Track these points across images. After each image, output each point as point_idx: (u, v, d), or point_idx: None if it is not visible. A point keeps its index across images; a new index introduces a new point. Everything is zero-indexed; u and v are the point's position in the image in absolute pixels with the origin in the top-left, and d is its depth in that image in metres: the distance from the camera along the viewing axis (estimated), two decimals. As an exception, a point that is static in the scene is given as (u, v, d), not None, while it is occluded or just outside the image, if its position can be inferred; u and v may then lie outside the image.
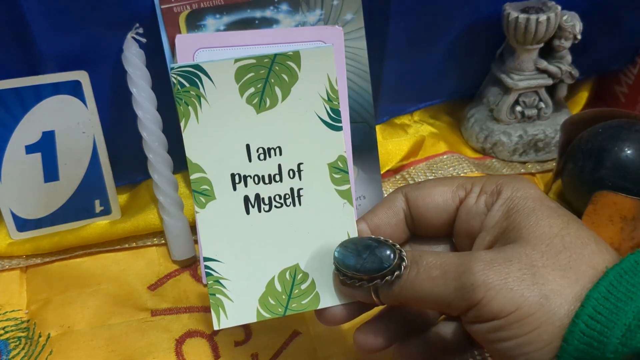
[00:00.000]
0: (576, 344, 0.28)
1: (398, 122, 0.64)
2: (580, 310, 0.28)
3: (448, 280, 0.30)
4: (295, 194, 0.37)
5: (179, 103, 0.35)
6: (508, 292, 0.29)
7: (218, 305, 0.36)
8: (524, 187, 0.33)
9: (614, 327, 0.28)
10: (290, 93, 0.37)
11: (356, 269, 0.33)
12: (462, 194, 0.35)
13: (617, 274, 0.29)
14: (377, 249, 0.33)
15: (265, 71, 0.36)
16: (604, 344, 0.28)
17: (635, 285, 0.28)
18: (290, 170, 0.37)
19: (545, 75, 0.60)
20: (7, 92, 0.46)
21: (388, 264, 0.32)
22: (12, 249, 0.50)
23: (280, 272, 0.37)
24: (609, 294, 0.28)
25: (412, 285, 0.32)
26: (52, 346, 0.44)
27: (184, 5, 0.48)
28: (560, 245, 0.30)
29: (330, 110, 0.37)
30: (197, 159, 0.36)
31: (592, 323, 0.28)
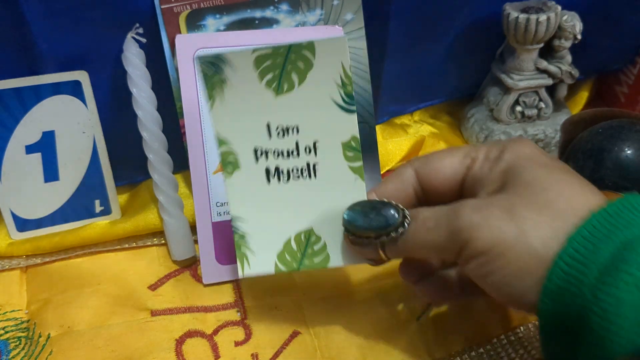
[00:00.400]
0: (557, 282, 0.30)
1: (398, 122, 0.64)
2: (562, 251, 0.30)
3: (441, 228, 0.34)
4: (312, 168, 0.41)
5: (207, 87, 0.40)
6: (489, 230, 0.32)
7: (243, 257, 0.42)
8: (521, 148, 0.36)
9: (591, 265, 0.30)
10: (306, 79, 0.40)
11: (364, 227, 0.37)
12: (469, 162, 0.37)
13: (600, 217, 0.31)
14: (383, 209, 0.36)
15: (282, 59, 0.39)
16: (581, 281, 0.30)
17: (616, 226, 0.30)
18: (307, 147, 0.41)
19: (545, 75, 0.60)
20: (7, 92, 0.46)
21: (393, 221, 0.36)
22: (12, 249, 0.50)
23: (296, 234, 0.41)
24: (590, 235, 0.30)
25: (412, 238, 0.35)
26: (52, 346, 0.44)
27: (184, 5, 0.48)
28: (539, 188, 0.32)
29: (345, 95, 0.40)
30: (224, 134, 0.41)
31: (572, 262, 0.30)
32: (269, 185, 0.41)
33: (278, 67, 0.40)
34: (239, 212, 0.41)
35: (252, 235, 0.41)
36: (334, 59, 0.39)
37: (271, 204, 0.41)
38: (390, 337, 0.44)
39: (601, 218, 0.31)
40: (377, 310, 0.46)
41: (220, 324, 0.46)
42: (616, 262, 0.29)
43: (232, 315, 0.47)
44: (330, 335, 0.45)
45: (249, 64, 0.39)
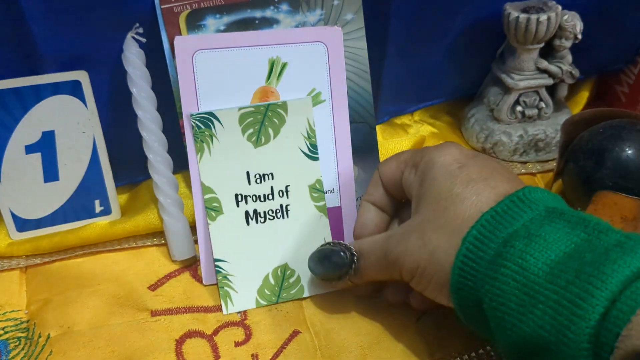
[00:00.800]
0: (456, 278, 0.35)
1: (398, 122, 0.64)
2: (458, 252, 0.35)
3: (381, 262, 0.40)
4: (284, 209, 0.48)
5: (197, 141, 0.47)
6: (409, 258, 0.38)
7: (226, 295, 0.47)
8: (435, 154, 0.40)
9: (480, 261, 0.35)
10: (280, 132, 0.48)
11: (324, 273, 0.44)
12: (403, 167, 0.43)
13: (488, 217, 0.35)
14: (333, 255, 0.43)
15: (261, 116, 0.48)
16: (474, 276, 0.35)
17: (501, 223, 0.35)
18: (280, 190, 0.48)
19: (545, 75, 0.60)
20: (7, 92, 0.46)
21: (343, 263, 0.42)
22: (12, 249, 0.50)
23: (273, 269, 0.48)
24: (479, 235, 0.35)
25: (364, 272, 0.42)
26: (52, 346, 0.44)
27: (184, 5, 0.48)
28: (442, 207, 0.37)
29: (310, 145, 0.49)
30: (210, 183, 0.48)
31: (465, 260, 0.35)
32: (249, 226, 0.48)
33: (258, 123, 0.48)
34: (222, 255, 0.47)
35: (234, 275, 0.47)
36: (302, 115, 0.49)
37: (250, 243, 0.48)
38: (391, 337, 0.44)
39: (489, 217, 0.35)
40: (378, 310, 0.46)
41: (220, 324, 0.46)
42: (497, 257, 0.34)
43: (232, 315, 0.46)
44: (330, 335, 0.45)
45: (235, 120, 0.48)
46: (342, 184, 0.51)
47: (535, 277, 0.32)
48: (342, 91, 0.50)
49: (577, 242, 0.32)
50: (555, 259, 0.32)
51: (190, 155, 0.48)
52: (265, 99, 0.49)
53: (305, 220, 0.49)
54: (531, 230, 0.34)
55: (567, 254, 0.32)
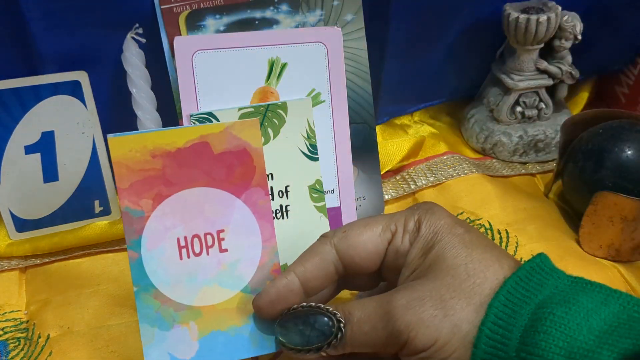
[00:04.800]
0: (484, 348, 0.32)
1: (398, 123, 0.64)
2: (485, 318, 0.32)
3: (378, 331, 0.34)
4: (284, 210, 0.47)
5: None
6: (426, 329, 0.33)
7: None
8: (436, 219, 0.36)
9: (513, 329, 0.32)
10: (280, 133, 0.47)
11: (303, 345, 0.36)
12: (389, 235, 0.37)
13: (513, 282, 0.33)
14: (316, 322, 0.35)
15: (261, 117, 0.47)
16: (506, 345, 0.32)
17: (529, 290, 0.33)
18: (280, 191, 0.47)
19: (545, 76, 0.60)
20: (7, 92, 0.46)
21: (329, 333, 0.35)
22: (12, 250, 0.50)
23: None
24: (507, 301, 0.33)
25: (351, 342, 0.35)
26: (52, 347, 0.44)
27: (184, 5, 0.48)
28: (464, 274, 0.34)
29: (310, 146, 0.47)
30: None
31: (495, 328, 0.32)
32: None
33: None
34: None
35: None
36: (302, 116, 0.47)
37: None
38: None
39: (514, 283, 0.33)
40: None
41: (220, 325, 0.46)
42: (534, 323, 0.31)
43: (232, 315, 0.46)
44: (330, 336, 0.44)
45: (234, 120, 0.45)
46: (341, 185, 0.51)
47: (583, 343, 0.30)
48: (342, 92, 0.50)
49: (614, 311, 0.31)
50: (597, 327, 0.31)
51: None
52: (264, 99, 0.49)
53: (305, 221, 0.48)
54: (567, 297, 0.32)
55: (607, 323, 0.31)
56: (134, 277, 0.36)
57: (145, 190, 0.36)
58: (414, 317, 0.33)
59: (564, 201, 0.56)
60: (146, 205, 0.36)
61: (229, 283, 0.38)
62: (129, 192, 0.35)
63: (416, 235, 0.36)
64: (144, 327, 0.36)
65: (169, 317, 0.36)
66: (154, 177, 0.36)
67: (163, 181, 0.36)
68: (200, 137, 0.36)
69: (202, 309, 0.37)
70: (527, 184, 0.59)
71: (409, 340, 0.33)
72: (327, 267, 0.37)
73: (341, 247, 0.37)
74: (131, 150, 0.35)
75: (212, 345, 0.37)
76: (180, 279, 0.37)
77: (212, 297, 0.37)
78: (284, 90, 0.50)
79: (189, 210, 0.37)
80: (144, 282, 0.36)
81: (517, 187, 0.58)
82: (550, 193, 0.57)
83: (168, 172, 0.36)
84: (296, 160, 0.48)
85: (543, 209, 0.55)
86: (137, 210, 0.36)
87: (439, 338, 0.33)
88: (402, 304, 0.34)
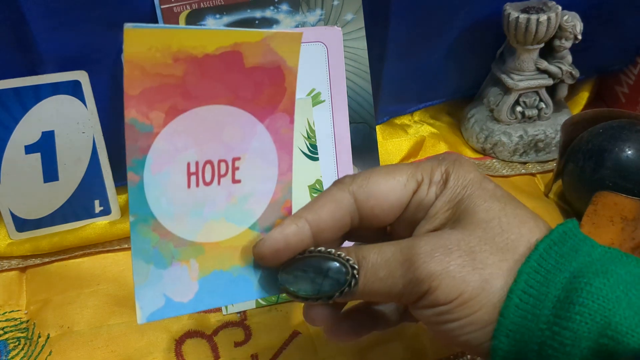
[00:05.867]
0: (512, 318, 0.29)
1: (398, 122, 0.64)
2: (514, 285, 0.29)
3: (395, 278, 0.31)
4: None
5: None
6: (451, 280, 0.30)
7: None
8: (464, 172, 0.33)
9: (545, 299, 0.29)
10: None
11: (315, 294, 0.32)
12: (414, 185, 0.34)
13: (546, 246, 0.30)
14: (329, 269, 0.32)
15: None
16: (537, 315, 0.29)
17: (563, 256, 0.30)
18: None
19: (545, 76, 0.60)
20: (7, 92, 0.46)
21: (344, 280, 0.32)
22: (12, 249, 0.50)
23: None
24: (539, 267, 0.30)
25: (363, 289, 0.32)
26: (52, 346, 0.44)
27: (184, 5, 0.48)
28: (498, 228, 0.31)
29: (310, 145, 0.48)
30: None
31: (525, 297, 0.29)
32: None
33: None
34: None
35: None
36: (302, 115, 0.46)
37: None
38: (390, 338, 0.44)
39: (547, 247, 0.30)
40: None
41: (220, 325, 0.46)
42: (569, 294, 0.29)
43: (232, 315, 0.46)
44: (330, 336, 0.44)
45: None
46: (342, 184, 0.51)
47: (622, 319, 0.28)
48: (342, 91, 0.50)
49: None
50: (637, 303, 0.28)
51: None
52: (265, 99, 0.49)
53: None
54: (604, 267, 0.29)
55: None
56: (132, 204, 0.30)
57: (159, 100, 0.30)
58: (438, 265, 0.30)
59: (564, 201, 0.56)
60: (157, 119, 0.30)
61: (237, 218, 0.33)
62: (138, 101, 0.29)
63: (443, 187, 0.33)
64: (138, 263, 0.31)
65: (168, 253, 0.32)
66: (171, 86, 0.30)
67: (181, 92, 0.30)
68: (233, 45, 0.30)
69: (204, 246, 0.33)
70: (527, 184, 0.59)
71: (429, 291, 0.30)
72: (342, 217, 0.33)
73: (361, 196, 0.33)
74: (151, 48, 0.28)
75: (212, 287, 0.33)
76: (184, 210, 0.32)
77: (218, 232, 0.33)
78: (284, 90, 0.49)
79: (206, 131, 0.31)
80: (142, 211, 0.30)
81: (517, 187, 0.58)
82: (550, 193, 0.57)
83: (189, 82, 0.30)
84: (296, 160, 0.48)
85: (543, 209, 0.55)
86: (144, 124, 0.29)
87: (464, 292, 0.30)
88: (425, 251, 0.30)
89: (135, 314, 0.44)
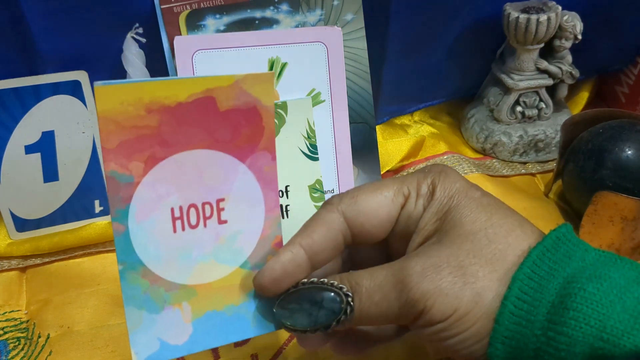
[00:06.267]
0: (507, 324, 0.30)
1: (398, 123, 0.64)
2: (508, 292, 0.30)
3: (390, 300, 0.31)
4: (284, 210, 0.47)
5: None
6: (444, 298, 0.30)
7: None
8: (450, 183, 0.33)
9: (539, 305, 0.29)
10: (280, 132, 0.47)
11: (312, 325, 0.33)
12: (402, 200, 0.34)
13: (539, 253, 0.30)
14: (322, 299, 0.32)
15: None
16: (531, 322, 0.29)
17: (556, 262, 0.30)
18: (280, 191, 0.45)
19: (545, 76, 0.60)
20: (7, 92, 0.46)
21: (339, 309, 0.32)
22: (12, 249, 0.50)
23: None
24: (533, 274, 0.30)
25: (360, 315, 0.32)
26: (52, 346, 0.44)
27: (184, 5, 0.48)
28: (485, 240, 0.31)
29: (310, 145, 0.48)
30: None
31: (519, 303, 0.29)
32: None
33: None
34: None
35: None
36: (302, 115, 0.48)
37: None
38: (390, 337, 0.44)
39: (540, 254, 0.30)
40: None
41: (220, 325, 0.46)
42: (563, 299, 0.29)
43: (232, 315, 0.46)
44: (330, 336, 0.44)
45: None
46: (341, 184, 0.51)
47: (617, 322, 0.28)
48: (342, 91, 0.50)
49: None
50: (631, 306, 0.28)
51: None
52: (265, 99, 0.49)
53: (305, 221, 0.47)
54: (598, 272, 0.30)
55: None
56: (119, 253, 0.31)
57: (137, 151, 0.30)
58: (430, 284, 0.30)
59: (564, 201, 0.56)
60: (136, 169, 0.31)
61: (227, 258, 0.34)
62: (116, 154, 0.30)
63: (430, 199, 0.33)
64: (130, 310, 0.31)
65: (159, 299, 0.32)
66: (147, 136, 0.30)
67: (158, 141, 0.31)
68: (205, 91, 0.31)
69: (196, 288, 0.33)
70: (527, 184, 0.59)
71: (424, 310, 0.30)
72: (335, 237, 0.34)
73: (350, 214, 0.34)
74: (123, 103, 0.30)
75: (207, 327, 0.33)
76: (173, 254, 0.32)
77: (208, 274, 0.33)
78: (284, 89, 0.50)
79: (186, 176, 0.32)
80: (130, 259, 0.31)
81: (517, 187, 0.58)
82: (550, 193, 0.57)
83: (165, 131, 0.31)
84: (296, 160, 0.48)
85: (543, 209, 0.55)
86: (124, 175, 0.30)
87: (459, 307, 0.30)
88: (417, 271, 0.31)
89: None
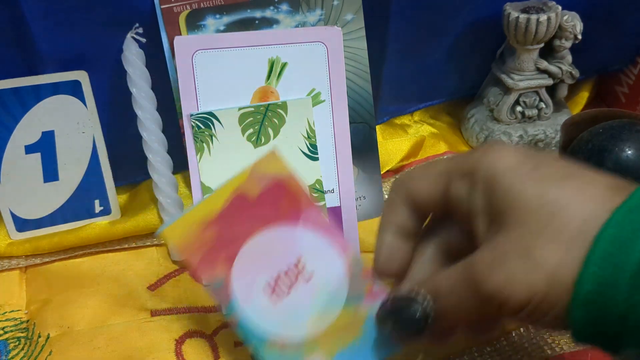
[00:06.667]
0: (588, 288, 0.28)
1: (398, 122, 0.64)
2: (590, 254, 0.28)
3: (469, 301, 0.31)
4: None
5: (196, 141, 0.47)
6: (517, 287, 0.29)
7: None
8: (493, 161, 0.32)
9: (624, 266, 0.28)
10: (280, 132, 0.48)
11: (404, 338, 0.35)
12: (444, 182, 0.34)
13: (624, 213, 0.29)
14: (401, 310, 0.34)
15: (261, 116, 0.48)
16: (614, 284, 0.28)
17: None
18: None
19: (545, 76, 0.60)
20: (7, 92, 0.46)
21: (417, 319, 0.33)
22: (12, 249, 0.50)
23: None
24: (618, 234, 0.28)
25: (445, 318, 0.33)
26: (52, 346, 0.44)
27: (184, 5, 0.48)
28: (546, 217, 0.30)
29: (310, 145, 0.49)
30: (210, 183, 0.48)
31: (603, 264, 0.28)
32: None
33: (257, 123, 0.48)
34: None
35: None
36: (302, 115, 0.48)
37: None
38: (390, 337, 0.44)
39: (624, 213, 0.29)
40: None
41: (220, 325, 0.46)
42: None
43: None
44: (330, 336, 0.44)
45: (235, 120, 0.47)
46: (341, 184, 0.51)
47: None
48: (342, 91, 0.50)
49: None
50: None
51: (190, 155, 0.48)
52: (265, 99, 0.49)
53: None
54: None
55: None
56: (245, 339, 0.36)
57: (214, 259, 0.36)
58: (500, 276, 0.30)
59: None
60: (220, 273, 0.36)
61: (329, 305, 0.37)
62: (202, 268, 0.36)
63: (474, 182, 0.33)
64: None
65: (295, 357, 0.36)
66: (215, 245, 0.36)
67: (224, 244, 0.36)
68: (232, 193, 0.37)
69: (318, 338, 0.37)
70: (527, 184, 0.59)
71: (502, 302, 0.30)
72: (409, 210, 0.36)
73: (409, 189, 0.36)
74: (184, 231, 0.36)
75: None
76: (284, 321, 0.37)
77: (321, 323, 0.37)
78: (284, 89, 0.50)
79: (261, 258, 0.37)
80: (255, 338, 0.36)
81: (517, 187, 0.58)
82: (550, 193, 0.57)
83: (224, 235, 0.36)
84: (296, 160, 0.48)
85: (543, 209, 0.55)
86: (217, 281, 0.36)
87: (535, 293, 0.29)
88: (485, 266, 0.30)
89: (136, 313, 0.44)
